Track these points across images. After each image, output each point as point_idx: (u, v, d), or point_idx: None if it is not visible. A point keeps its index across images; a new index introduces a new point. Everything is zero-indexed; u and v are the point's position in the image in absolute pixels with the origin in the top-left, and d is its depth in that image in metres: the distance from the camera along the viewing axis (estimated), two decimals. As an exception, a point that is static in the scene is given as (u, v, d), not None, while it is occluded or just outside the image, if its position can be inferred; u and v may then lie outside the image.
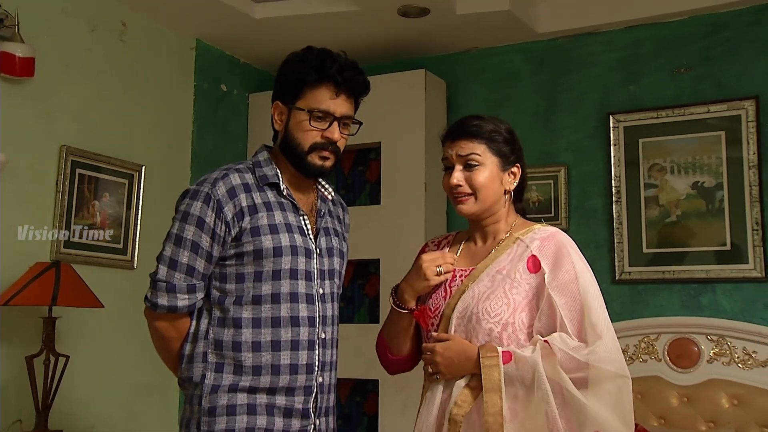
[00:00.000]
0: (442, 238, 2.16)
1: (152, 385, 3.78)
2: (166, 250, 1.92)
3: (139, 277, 3.71)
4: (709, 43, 3.81)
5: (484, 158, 1.95)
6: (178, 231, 1.91)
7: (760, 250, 3.57)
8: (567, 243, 1.94)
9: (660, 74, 3.89)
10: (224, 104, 4.37)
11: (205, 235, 1.89)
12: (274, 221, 1.93)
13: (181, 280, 1.90)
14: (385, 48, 4.23)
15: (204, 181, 1.94)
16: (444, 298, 1.97)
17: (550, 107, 4.11)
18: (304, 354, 1.93)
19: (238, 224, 1.90)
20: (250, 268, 1.91)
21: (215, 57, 4.31)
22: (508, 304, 1.88)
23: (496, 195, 1.98)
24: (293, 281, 1.93)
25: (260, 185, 1.96)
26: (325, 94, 1.95)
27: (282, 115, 2.00)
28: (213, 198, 1.90)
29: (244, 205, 1.91)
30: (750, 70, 3.72)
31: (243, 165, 2.00)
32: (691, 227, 3.74)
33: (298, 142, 1.97)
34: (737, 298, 3.61)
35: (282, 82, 2.00)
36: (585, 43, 4.07)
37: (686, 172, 3.76)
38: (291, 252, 1.92)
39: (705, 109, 3.75)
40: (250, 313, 1.90)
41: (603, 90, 4.00)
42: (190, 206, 1.91)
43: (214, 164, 4.00)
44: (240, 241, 1.90)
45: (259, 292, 1.91)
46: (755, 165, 3.63)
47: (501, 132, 1.99)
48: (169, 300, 1.91)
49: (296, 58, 1.99)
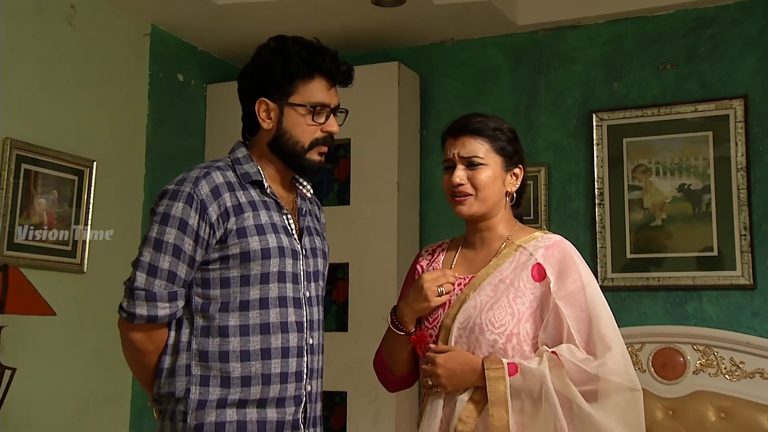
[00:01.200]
0: (436, 246, 2.16)
1: (103, 398, 3.71)
2: (145, 256, 1.88)
3: (90, 282, 3.63)
4: (694, 39, 3.82)
5: (488, 157, 1.96)
6: (158, 234, 1.87)
7: (748, 256, 3.58)
8: (572, 252, 1.96)
9: (644, 71, 3.88)
10: (181, 95, 4.30)
11: (187, 239, 1.86)
12: (260, 221, 1.92)
13: (161, 288, 1.86)
14: (355, 38, 4.18)
15: (184, 181, 1.91)
16: (442, 308, 1.97)
17: (529, 104, 4.08)
18: (293, 361, 1.92)
19: (223, 225, 1.88)
20: (235, 271, 1.89)
21: (172, 44, 4.24)
22: (512, 314, 1.89)
23: (497, 196, 1.99)
24: (281, 285, 1.92)
25: (243, 183, 1.95)
26: (318, 86, 1.96)
27: (271, 113, 1.98)
28: (196, 198, 1.87)
29: (228, 205, 1.89)
30: (737, 68, 3.73)
31: (222, 162, 1.98)
32: (676, 232, 3.74)
33: (297, 139, 1.96)
34: (724, 306, 3.61)
35: (267, 78, 1.97)
36: (566, 38, 4.07)
37: (672, 173, 3.77)
38: (279, 253, 1.91)
39: (692, 108, 3.76)
40: (238, 320, 1.89)
41: (585, 87, 3.99)
42: (170, 207, 1.88)
43: (170, 159, 4.06)
44: (225, 243, 1.88)
45: (246, 297, 1.89)
46: (743, 167, 3.63)
47: (504, 131, 2.01)
48: (149, 309, 1.86)
49: (277, 51, 1.97)
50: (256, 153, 2.02)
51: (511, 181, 2.01)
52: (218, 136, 4.26)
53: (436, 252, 2.14)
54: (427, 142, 4.20)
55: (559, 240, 1.99)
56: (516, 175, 2.02)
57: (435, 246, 2.17)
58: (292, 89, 1.95)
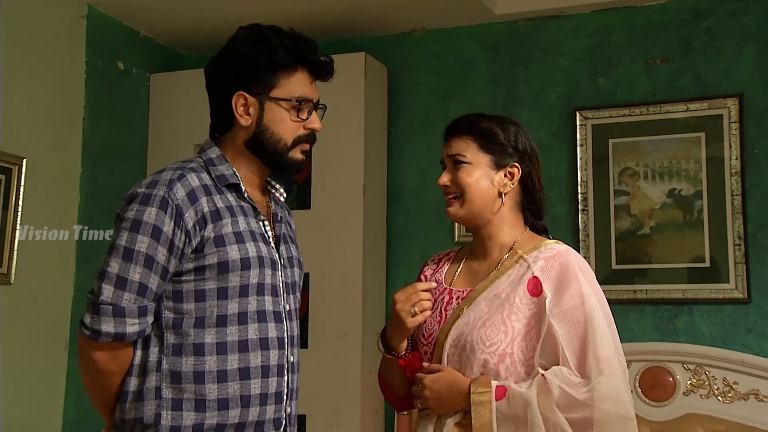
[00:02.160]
0: (443, 255, 2.17)
1: (29, 426, 3.54)
2: (112, 266, 1.82)
3: (18, 295, 3.46)
4: (688, 32, 3.75)
5: (473, 156, 1.97)
6: (128, 243, 1.82)
7: (742, 268, 3.52)
8: (575, 263, 1.92)
9: (633, 66, 3.82)
10: (121, 86, 4.18)
11: (161, 248, 1.82)
12: (238, 228, 1.89)
13: (131, 302, 1.81)
14: (317, 26, 4.01)
15: (156, 183, 1.86)
16: (438, 322, 1.98)
17: (507, 100, 4.00)
18: (273, 381, 1.91)
19: (199, 233, 1.85)
20: (212, 283, 1.86)
21: (111, 28, 4.10)
22: (505, 332, 1.88)
23: (485, 196, 1.98)
24: (260, 297, 1.90)
25: (219, 187, 1.92)
26: (301, 80, 1.95)
27: (250, 108, 1.95)
28: (171, 203, 1.83)
29: (206, 211, 1.86)
30: (733, 65, 3.67)
31: (194, 163, 1.95)
32: (666, 240, 3.68)
33: (280, 137, 1.94)
34: (717, 322, 3.56)
35: (246, 69, 1.94)
36: (548, 28, 3.99)
37: (661, 177, 3.71)
38: (258, 263, 1.89)
39: (683, 107, 3.70)
40: (215, 337, 1.85)
41: (568, 82, 3.92)
42: (142, 213, 1.83)
43: (109, 156, 4.02)
44: (201, 252, 1.85)
45: (224, 311, 1.86)
46: (738, 171, 3.57)
47: (499, 129, 2.00)
48: (117, 326, 1.81)
49: (258, 40, 1.95)
50: (230, 153, 1.98)
51: (503, 181, 1.98)
52: (163, 131, 4.19)
53: (441, 261, 2.13)
54: (396, 141, 4.14)
55: (563, 250, 1.94)
56: (511, 174, 1.98)
57: (442, 255, 2.17)
58: (274, 82, 1.93)
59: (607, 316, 1.90)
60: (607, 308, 1.91)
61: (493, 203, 1.99)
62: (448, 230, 3.93)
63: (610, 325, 1.89)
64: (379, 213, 4.04)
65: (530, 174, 2.03)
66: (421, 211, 4.01)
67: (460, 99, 4.02)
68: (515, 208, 2.03)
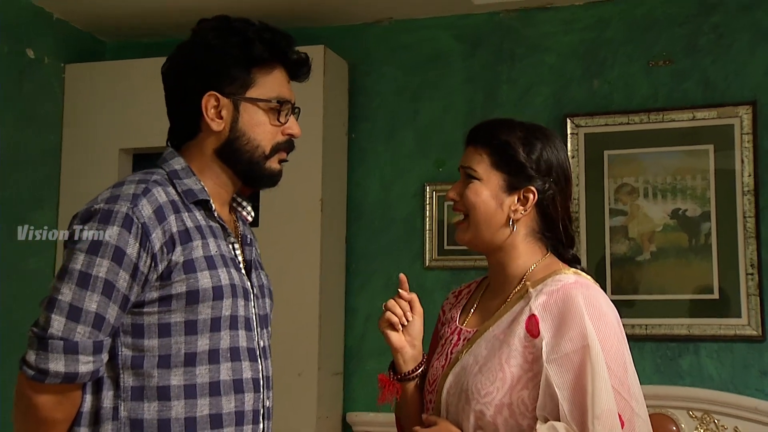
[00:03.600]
0: (464, 287, 2.14)
1: None
2: (64, 294, 1.74)
3: None
4: (694, 28, 3.65)
5: (484, 172, 1.92)
6: (84, 267, 1.74)
7: (756, 300, 3.42)
8: (580, 298, 1.82)
9: (632, 66, 3.71)
10: (31, 77, 4.00)
11: (123, 273, 1.75)
12: (209, 252, 1.84)
13: (85, 336, 1.73)
14: (270, 14, 3.78)
15: (117, 198, 1.79)
16: (443, 367, 1.95)
17: (487, 102, 3.89)
18: (249, 429, 1.87)
19: (166, 257, 1.78)
20: (179, 315, 1.79)
21: (19, 9, 3.92)
22: (503, 379, 1.81)
23: (491, 221, 1.92)
24: (233, 332, 1.85)
25: (186, 203, 1.86)
26: (279, 79, 1.92)
27: (222, 111, 1.88)
28: (136, 221, 1.77)
29: (174, 231, 1.80)
30: (745, 67, 3.56)
31: (158, 176, 1.88)
32: (668, 268, 3.58)
33: (257, 143, 1.89)
34: (726, 363, 3.47)
35: (217, 66, 1.89)
36: (536, 21, 3.88)
37: (664, 196, 3.62)
38: (231, 293, 1.84)
39: (689, 115, 3.59)
40: (182, 379, 1.79)
41: (558, 83, 3.82)
42: (102, 233, 1.76)
43: (17, 159, 3.83)
44: (168, 279, 1.78)
45: (193, 348, 1.80)
46: (751, 190, 3.48)
47: (520, 144, 1.92)
48: (68, 365, 1.72)
49: (230, 33, 1.90)
50: (196, 163, 1.92)
51: (516, 206, 1.90)
52: (79, 131, 4.02)
53: (461, 295, 2.11)
54: (357, 148, 4.01)
55: (570, 283, 1.84)
56: (525, 199, 1.90)
57: (463, 287, 2.14)
58: (250, 80, 1.88)
59: (617, 360, 1.80)
60: (618, 352, 1.81)
61: (500, 229, 1.92)
62: (417, 252, 3.80)
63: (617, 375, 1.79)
64: (337, 232, 3.91)
65: (553, 200, 1.92)
66: (385, 230, 3.90)
67: (432, 100, 3.95)
68: (531, 236, 1.94)
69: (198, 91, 1.88)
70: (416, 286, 2.13)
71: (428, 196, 3.73)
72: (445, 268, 3.69)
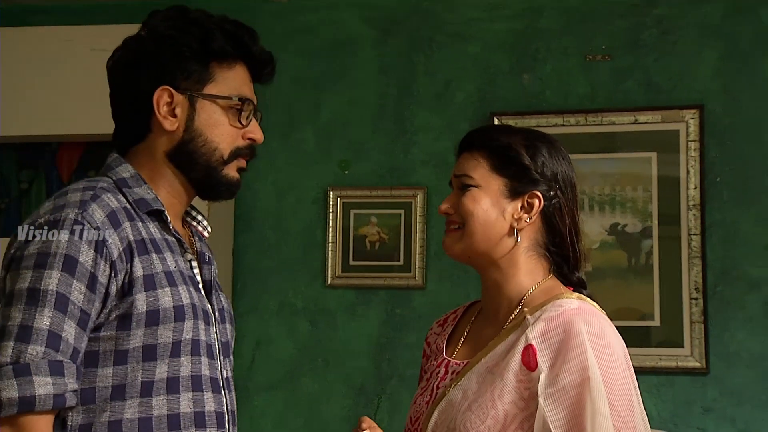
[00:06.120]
0: (449, 314, 2.14)
1: None
2: (13, 317, 1.71)
3: None
4: (636, 21, 3.61)
5: (482, 178, 1.91)
6: (31, 282, 1.71)
7: (700, 329, 3.41)
8: (582, 326, 1.80)
9: (567, 60, 3.66)
10: None
11: (77, 284, 1.71)
12: (168, 267, 1.83)
13: (38, 357, 1.69)
14: None
15: (62, 207, 1.76)
16: (427, 403, 1.97)
17: (401, 96, 3.80)
18: None
19: (125, 266, 1.76)
20: (137, 340, 1.77)
21: None
22: (495, 417, 1.81)
23: (490, 231, 1.90)
24: (195, 358, 1.83)
25: (139, 213, 1.85)
26: (241, 76, 1.91)
27: (176, 108, 1.87)
28: (87, 225, 1.74)
29: (131, 239, 1.78)
30: (692, 67, 3.54)
31: (104, 183, 1.86)
32: (605, 290, 3.47)
33: (215, 146, 1.88)
34: (667, 398, 3.46)
35: (172, 57, 1.87)
36: (458, 5, 3.79)
37: (601, 209, 3.58)
38: (193, 314, 1.83)
39: (630, 117, 3.55)
40: (136, 411, 1.76)
41: (483, 77, 3.74)
42: (48, 244, 1.73)
43: None
44: (130, 295, 1.76)
45: (150, 376, 1.77)
46: (696, 204, 3.45)
47: (521, 146, 1.92)
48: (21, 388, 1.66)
49: (189, 22, 1.87)
50: (145, 170, 1.90)
51: (520, 214, 1.88)
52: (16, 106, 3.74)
53: (447, 322, 2.10)
54: None
55: (572, 309, 1.81)
56: (530, 206, 1.88)
57: (449, 314, 2.13)
58: (208, 75, 1.86)
59: (622, 398, 1.77)
60: (623, 388, 1.78)
61: (500, 241, 1.88)
62: (317, 270, 3.66)
63: (624, 410, 1.76)
64: (223, 245, 3.72)
65: (559, 209, 1.87)
66: (279, 243, 3.78)
67: (336, 92, 3.84)
68: (533, 250, 1.89)
69: (148, 86, 1.84)
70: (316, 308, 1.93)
71: (331, 203, 3.57)
72: (350, 286, 3.56)
